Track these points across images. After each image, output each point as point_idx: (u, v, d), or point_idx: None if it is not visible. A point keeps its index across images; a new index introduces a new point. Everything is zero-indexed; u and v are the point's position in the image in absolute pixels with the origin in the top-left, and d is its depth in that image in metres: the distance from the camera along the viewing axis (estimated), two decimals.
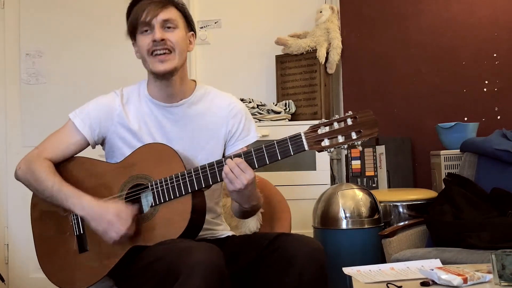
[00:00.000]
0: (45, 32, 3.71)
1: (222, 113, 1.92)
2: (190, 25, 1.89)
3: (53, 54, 3.71)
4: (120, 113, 1.86)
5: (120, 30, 3.26)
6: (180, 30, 1.82)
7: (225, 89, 2.03)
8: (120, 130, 1.86)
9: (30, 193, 1.92)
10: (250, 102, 3.27)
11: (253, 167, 1.69)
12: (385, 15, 3.47)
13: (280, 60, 3.49)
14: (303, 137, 1.63)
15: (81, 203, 1.76)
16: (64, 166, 1.86)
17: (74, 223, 1.83)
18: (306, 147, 1.62)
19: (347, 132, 1.59)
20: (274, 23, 3.64)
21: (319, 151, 1.63)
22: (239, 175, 1.67)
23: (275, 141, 1.66)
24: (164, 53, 1.79)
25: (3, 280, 3.25)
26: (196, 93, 1.91)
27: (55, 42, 3.71)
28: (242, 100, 3.26)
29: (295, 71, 3.42)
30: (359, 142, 1.59)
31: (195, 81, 1.96)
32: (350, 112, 1.61)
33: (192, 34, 1.90)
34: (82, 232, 1.82)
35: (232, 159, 1.69)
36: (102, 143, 1.93)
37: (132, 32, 1.83)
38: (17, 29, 3.71)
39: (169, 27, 1.80)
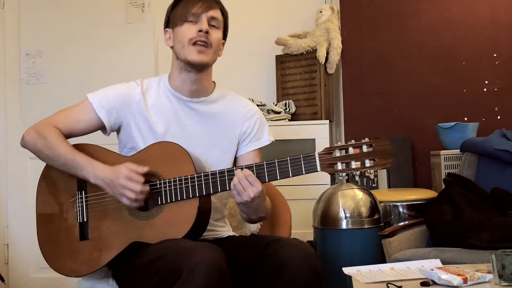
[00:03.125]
0: (45, 32, 3.70)
1: (238, 114, 1.94)
2: (225, 33, 1.97)
3: (53, 54, 3.70)
4: (140, 100, 1.87)
5: (120, 30, 3.28)
6: (220, 32, 1.90)
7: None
8: (138, 118, 1.86)
9: (30, 193, 1.92)
10: None
11: (262, 181, 1.69)
12: (385, 15, 3.47)
13: (280, 60, 3.49)
14: (317, 158, 1.64)
15: (94, 172, 1.76)
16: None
17: (79, 210, 1.83)
18: (319, 168, 1.63)
19: (361, 158, 1.60)
20: (274, 23, 3.64)
21: (331, 174, 1.65)
22: (246, 187, 1.67)
23: (288, 158, 1.67)
24: (204, 45, 1.82)
25: (3, 280, 3.25)
26: (215, 93, 1.94)
27: (55, 42, 3.70)
28: None
29: (295, 71, 3.42)
30: (371, 170, 1.60)
31: (214, 82, 1.98)
32: (366, 139, 1.62)
33: (223, 42, 1.97)
34: (85, 220, 1.82)
35: (242, 170, 1.69)
36: (118, 130, 1.92)
37: (175, 21, 1.85)
38: (17, 29, 3.71)
39: (213, 25, 1.86)
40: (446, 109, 3.33)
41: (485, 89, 3.31)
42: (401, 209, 2.82)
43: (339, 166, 1.62)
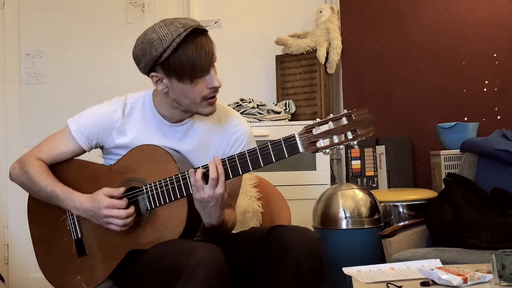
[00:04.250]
0: (45, 32, 3.71)
1: (225, 134, 1.87)
2: None
3: (53, 54, 3.71)
4: (121, 126, 1.82)
5: (120, 30, 3.28)
6: None
7: (225, 89, 2.01)
8: (120, 141, 1.83)
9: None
10: (250, 102, 3.27)
11: (247, 169, 1.65)
12: (385, 15, 3.47)
13: (280, 60, 3.49)
14: (298, 139, 1.59)
15: (74, 204, 1.76)
16: (58, 168, 1.85)
17: (72, 227, 1.83)
18: (301, 149, 1.58)
19: (343, 131, 1.55)
20: (274, 23, 3.64)
21: (314, 152, 1.59)
22: (210, 185, 1.63)
23: (269, 143, 1.62)
24: (215, 96, 1.74)
25: (3, 280, 3.24)
26: None
27: (55, 42, 3.71)
28: (242, 100, 3.27)
29: (295, 71, 3.42)
30: (356, 142, 1.55)
31: None
32: (345, 111, 1.57)
33: None
34: (80, 236, 1.82)
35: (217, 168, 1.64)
36: (100, 147, 1.91)
37: (172, 74, 1.68)
38: (17, 29, 3.71)
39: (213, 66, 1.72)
40: (446, 109, 3.33)
41: (485, 89, 3.31)
42: (401, 209, 2.82)
43: (321, 143, 1.56)
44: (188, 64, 1.64)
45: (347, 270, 1.75)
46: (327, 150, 1.57)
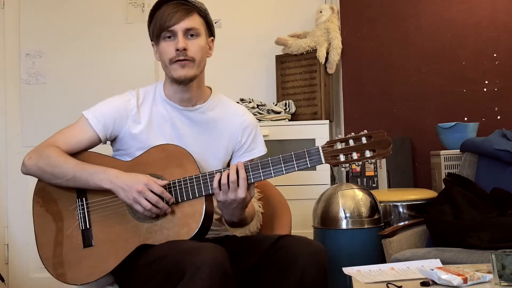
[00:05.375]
0: (45, 32, 3.70)
1: (234, 123, 1.96)
2: (210, 30, 1.92)
3: (53, 54, 3.70)
4: (135, 114, 1.87)
5: (120, 30, 3.30)
6: (202, 38, 1.85)
7: (225, 89, 2.04)
8: (134, 131, 1.86)
9: (30, 193, 1.91)
10: (250, 102, 3.27)
11: (269, 177, 1.71)
12: (385, 15, 3.47)
13: (280, 60, 3.49)
14: (321, 151, 1.69)
15: (107, 177, 1.76)
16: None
17: (81, 217, 1.82)
18: (323, 161, 1.69)
19: (362, 150, 1.68)
20: (274, 23, 3.64)
21: (334, 166, 1.71)
22: (233, 189, 1.69)
23: (292, 153, 1.70)
24: (185, 60, 1.81)
25: (3, 280, 3.25)
26: (211, 100, 1.94)
27: (55, 42, 3.70)
28: (242, 100, 3.27)
29: (295, 71, 3.42)
30: (373, 160, 1.67)
31: (210, 88, 1.98)
32: (365, 131, 1.69)
33: (212, 39, 1.93)
34: (88, 227, 1.81)
35: (238, 171, 1.70)
36: (113, 140, 1.92)
37: (154, 37, 1.86)
38: (17, 29, 3.70)
39: (191, 35, 1.83)
40: (446, 109, 3.33)
41: (485, 89, 3.31)
42: (401, 209, 2.82)
43: (342, 157, 1.69)
44: (156, 25, 1.83)
45: (347, 270, 1.76)
46: (347, 165, 1.70)
